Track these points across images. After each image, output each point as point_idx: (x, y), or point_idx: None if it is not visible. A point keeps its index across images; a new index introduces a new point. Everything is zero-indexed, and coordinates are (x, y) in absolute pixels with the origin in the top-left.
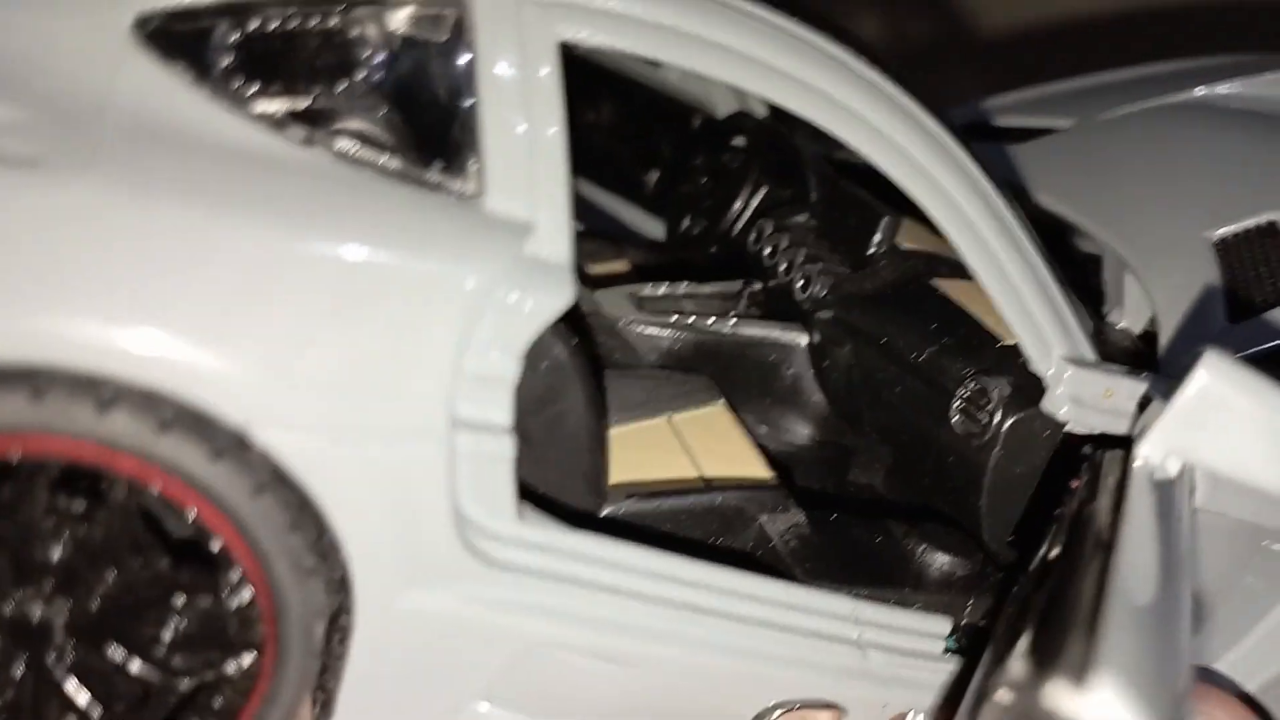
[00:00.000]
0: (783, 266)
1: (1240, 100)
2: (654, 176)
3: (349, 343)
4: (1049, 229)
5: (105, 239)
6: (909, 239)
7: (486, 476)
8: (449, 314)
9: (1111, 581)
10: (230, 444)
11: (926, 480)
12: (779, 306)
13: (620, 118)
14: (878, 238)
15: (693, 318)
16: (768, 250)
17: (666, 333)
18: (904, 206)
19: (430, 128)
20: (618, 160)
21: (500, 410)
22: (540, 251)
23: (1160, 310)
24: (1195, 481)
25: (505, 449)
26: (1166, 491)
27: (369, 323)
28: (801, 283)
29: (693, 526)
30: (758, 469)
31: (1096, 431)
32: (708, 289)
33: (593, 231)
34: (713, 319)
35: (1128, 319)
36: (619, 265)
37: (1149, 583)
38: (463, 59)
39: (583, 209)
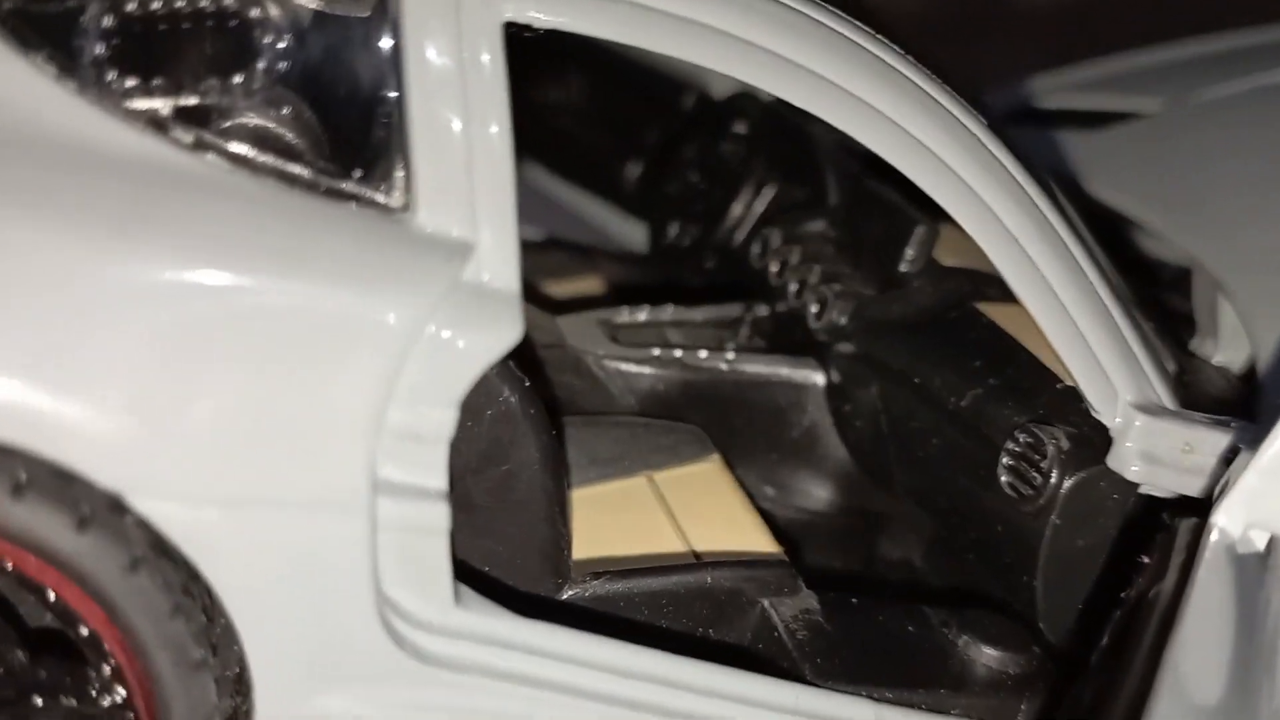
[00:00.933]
0: (793, 287)
1: None
2: (635, 171)
3: (247, 391)
4: (1121, 233)
5: None
6: (949, 253)
7: (417, 553)
8: (369, 356)
9: (1164, 676)
10: (100, 511)
11: (970, 555)
12: (789, 337)
13: (594, 96)
14: (911, 251)
15: (680, 351)
16: (775, 266)
17: (647, 370)
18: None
19: (347, 127)
20: (590, 149)
21: (433, 472)
22: (481, 277)
23: (1259, 342)
24: None
25: (439, 519)
26: (1249, 569)
27: (271, 367)
28: (816, 308)
29: (677, 613)
30: (760, 540)
31: (1175, 494)
32: (700, 314)
33: (556, 240)
34: (705, 353)
35: (1223, 352)
36: (589, 283)
37: (1215, 679)
38: (386, 43)
39: (545, 210)
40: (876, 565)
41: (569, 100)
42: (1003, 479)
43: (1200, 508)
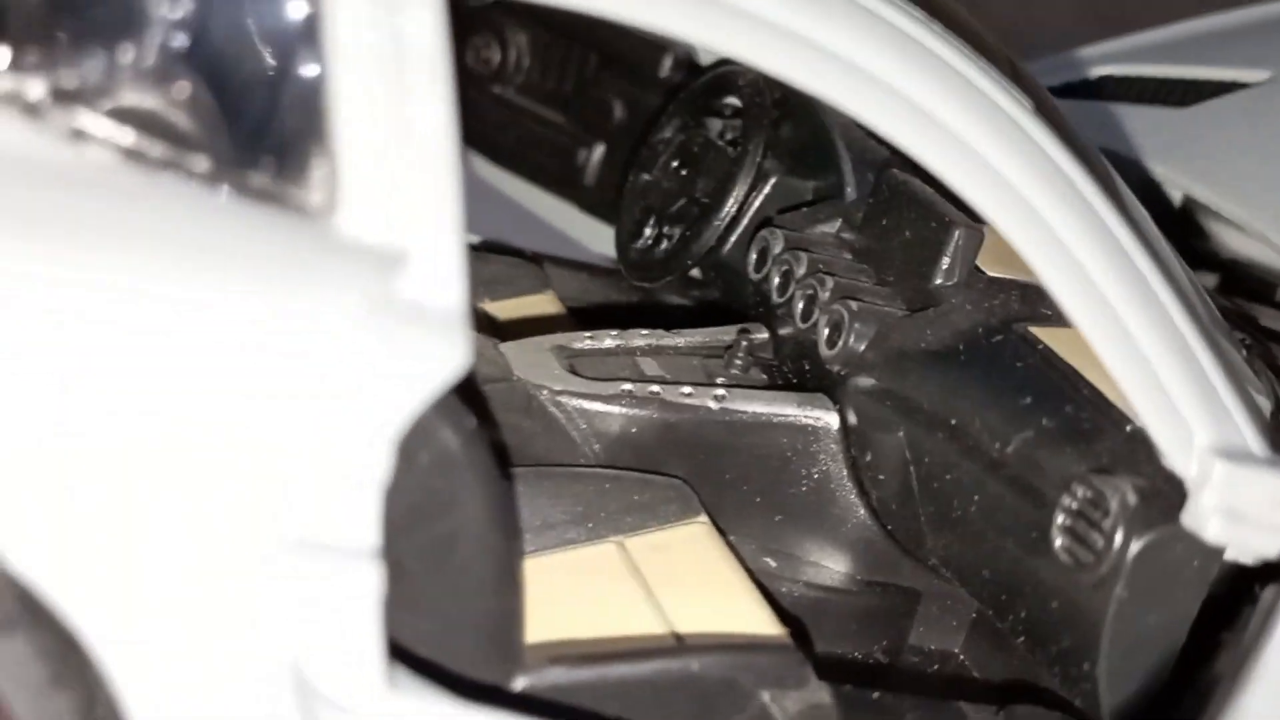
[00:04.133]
0: (800, 305)
1: None
2: (597, 156)
3: (141, 415)
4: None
5: None
6: (997, 260)
7: (340, 624)
8: (284, 378)
9: None
10: None
11: (1019, 639)
12: (795, 368)
13: (545, 61)
14: (946, 260)
15: (658, 386)
16: (776, 279)
17: (616, 409)
18: None
19: (257, 112)
20: (541, 131)
21: (362, 525)
22: (419, 293)
23: None
24: None
25: (369, 583)
26: None
27: (173, 384)
28: (828, 331)
29: (655, 706)
30: (759, 620)
31: (1265, 559)
32: (682, 340)
33: (495, 245)
34: (690, 388)
35: None
36: (539, 301)
37: None
38: (301, 10)
39: (482, 208)
40: (906, 652)
41: (518, 69)
42: (1057, 543)
43: None
